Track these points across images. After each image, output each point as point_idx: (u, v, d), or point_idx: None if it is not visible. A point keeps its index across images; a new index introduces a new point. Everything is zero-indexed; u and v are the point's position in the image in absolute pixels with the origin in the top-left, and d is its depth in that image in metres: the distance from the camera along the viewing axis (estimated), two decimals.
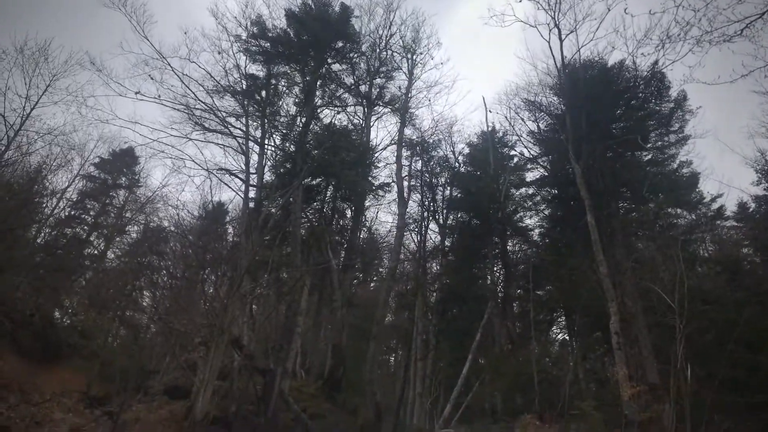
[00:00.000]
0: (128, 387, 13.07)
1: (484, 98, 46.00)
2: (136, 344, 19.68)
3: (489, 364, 22.44)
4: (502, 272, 28.22)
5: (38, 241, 21.85)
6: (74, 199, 29.29)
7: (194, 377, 14.40)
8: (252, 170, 22.11)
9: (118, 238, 30.63)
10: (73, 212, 29.57)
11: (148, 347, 21.98)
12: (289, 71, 26.20)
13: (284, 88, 26.11)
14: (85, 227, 30.32)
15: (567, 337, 27.82)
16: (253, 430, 15.48)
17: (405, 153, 30.80)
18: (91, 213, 31.22)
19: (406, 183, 29.79)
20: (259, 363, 17.34)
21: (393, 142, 29.62)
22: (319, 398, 20.73)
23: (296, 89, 26.31)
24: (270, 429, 15.60)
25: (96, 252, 30.02)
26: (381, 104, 29.64)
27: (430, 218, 31.29)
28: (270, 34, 25.47)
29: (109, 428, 11.72)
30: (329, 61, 26.77)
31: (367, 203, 29.54)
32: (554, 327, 28.59)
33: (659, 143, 24.17)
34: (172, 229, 23.14)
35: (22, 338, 15.04)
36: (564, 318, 27.02)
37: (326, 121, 27.49)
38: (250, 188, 21.67)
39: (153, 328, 25.40)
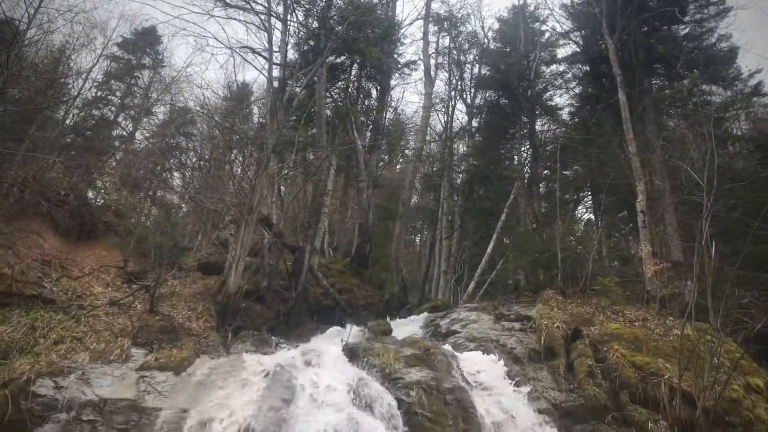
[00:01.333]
0: (163, 263, 13.56)
1: None
2: (168, 222, 20.23)
3: (513, 243, 22.76)
4: (529, 152, 27.96)
5: (67, 122, 22.03)
6: (100, 80, 29.18)
7: (226, 254, 14.88)
8: (275, 48, 21.65)
9: (145, 119, 30.75)
10: (99, 93, 29.57)
11: (181, 226, 22.59)
12: None
13: None
14: (113, 108, 30.42)
15: (592, 217, 27.98)
16: (284, 303, 16.18)
17: (432, 29, 29.87)
18: (117, 94, 31.20)
19: (432, 61, 29.09)
20: (288, 241, 17.83)
21: (420, 17, 28.68)
22: (346, 274, 21.44)
23: None
24: (300, 303, 16.27)
25: (124, 133, 30.28)
26: None
27: (458, 98, 30.78)
28: None
29: (146, 301, 12.28)
30: None
31: (392, 82, 29.02)
32: (580, 206, 28.68)
33: (697, 16, 22.96)
34: (199, 109, 23.11)
35: (59, 218, 15.51)
36: (590, 197, 27.03)
37: None
38: (274, 67, 21.30)
39: (184, 207, 26.03)
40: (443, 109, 31.20)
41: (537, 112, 27.80)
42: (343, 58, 26.70)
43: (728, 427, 9.37)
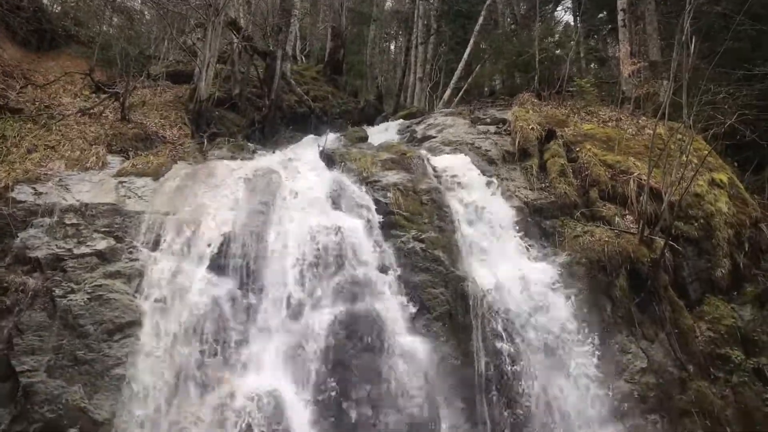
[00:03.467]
0: (130, 71, 13.05)
1: None
2: (132, 28, 19.23)
3: (491, 47, 22.19)
4: None
5: None
6: None
7: (195, 62, 14.37)
8: None
9: None
10: None
11: (146, 33, 21.52)
12: None
13: None
14: None
15: (572, 20, 27.16)
16: (258, 111, 15.97)
17: None
18: None
19: None
20: (259, 46, 17.17)
21: None
22: (320, 81, 20.98)
23: None
24: (274, 111, 16.07)
25: None
26: None
27: None
28: None
29: (116, 110, 12.00)
30: None
31: None
32: (559, 8, 27.69)
33: None
34: None
35: (15, 25, 14.64)
36: None
37: None
38: None
39: (147, 14, 24.60)
40: None
41: None
42: None
43: (690, 219, 9.91)
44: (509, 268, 8.68)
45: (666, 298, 9.03)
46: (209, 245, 7.80)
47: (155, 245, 7.84)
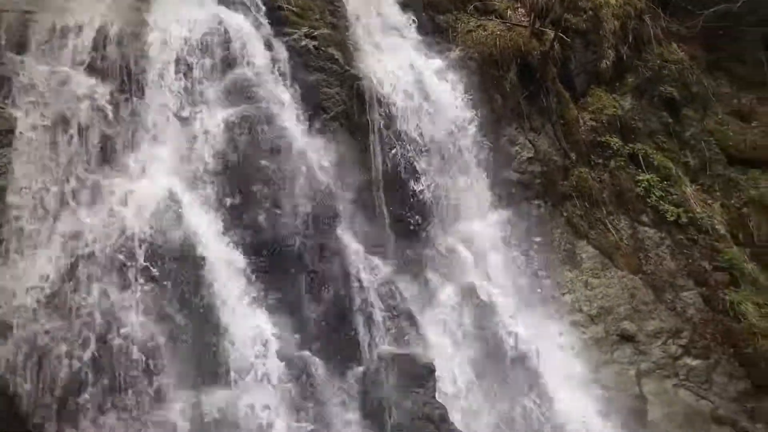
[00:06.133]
0: None
1: None
2: None
3: None
4: None
5: None
6: None
7: None
8: None
9: None
10: None
11: None
12: None
13: None
14: None
15: None
16: None
17: None
18: None
19: None
20: None
21: None
22: None
23: None
24: None
25: None
26: None
27: None
28: None
29: None
30: None
31: None
32: None
33: None
34: None
35: None
36: None
37: None
38: None
39: None
40: None
41: None
42: None
43: (579, 11, 9.99)
44: (404, 65, 8.55)
45: (553, 90, 9.34)
46: (84, 45, 7.09)
47: (20, 48, 7.05)
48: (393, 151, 7.88)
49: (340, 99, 7.88)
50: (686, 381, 8.00)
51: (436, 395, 6.49)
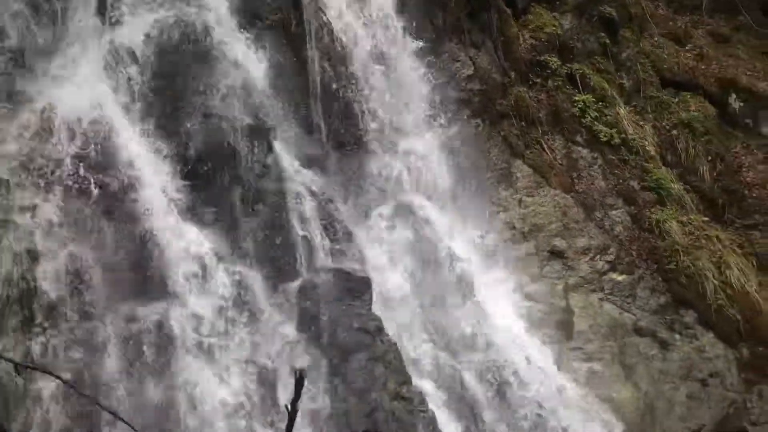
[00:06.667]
0: None
1: None
2: None
3: None
4: None
5: None
6: None
7: None
8: None
9: None
10: None
11: None
12: None
13: None
14: None
15: None
16: None
17: None
18: None
19: None
20: None
21: None
22: None
23: None
24: None
25: None
26: None
27: None
28: None
29: None
30: None
31: None
32: None
33: None
34: None
35: None
36: None
37: None
38: None
39: None
40: None
41: None
42: None
43: None
44: None
45: (495, 6, 9.16)
46: None
47: None
48: (331, 64, 7.66)
49: (277, 7, 7.53)
50: (611, 295, 8.32)
51: (372, 308, 6.59)
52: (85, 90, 6.24)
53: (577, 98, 9.25)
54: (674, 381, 7.92)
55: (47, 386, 5.11)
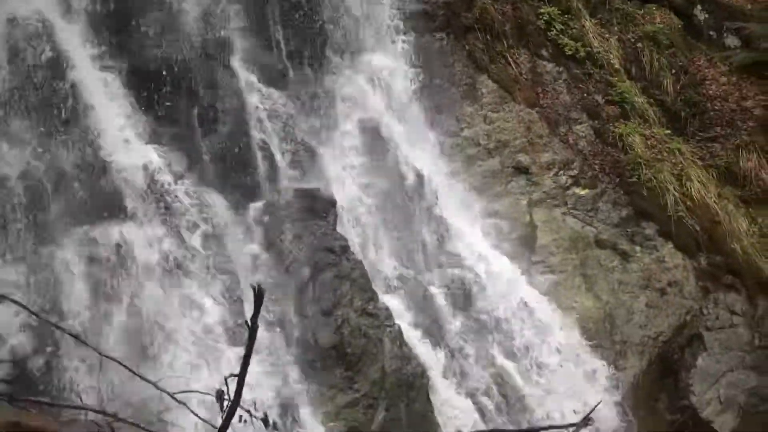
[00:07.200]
0: None
1: None
2: None
3: None
4: None
5: None
6: None
7: None
8: None
9: None
10: None
11: None
12: None
13: None
14: None
15: None
16: None
17: None
18: None
19: None
20: None
21: None
22: None
23: None
24: None
25: None
26: None
27: None
28: None
29: None
30: None
31: None
32: None
33: None
34: None
35: None
36: None
37: None
38: None
39: None
40: None
41: None
42: None
43: None
44: None
45: None
46: None
47: None
48: None
49: None
50: (574, 209, 8.42)
51: (337, 227, 6.57)
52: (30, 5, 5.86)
53: (542, 10, 9.06)
54: (634, 291, 8.16)
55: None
